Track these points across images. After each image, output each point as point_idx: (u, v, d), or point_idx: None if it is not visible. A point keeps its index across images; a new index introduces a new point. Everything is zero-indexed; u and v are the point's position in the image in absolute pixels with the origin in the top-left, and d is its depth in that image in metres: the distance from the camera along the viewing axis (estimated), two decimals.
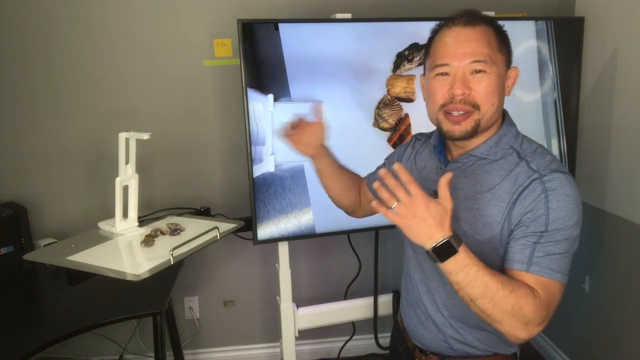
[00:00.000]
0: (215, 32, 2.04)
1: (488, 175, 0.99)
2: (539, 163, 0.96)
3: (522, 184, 0.94)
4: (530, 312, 0.87)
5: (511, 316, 0.87)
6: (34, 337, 1.42)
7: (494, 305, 0.87)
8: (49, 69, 2.00)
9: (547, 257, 0.90)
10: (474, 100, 0.95)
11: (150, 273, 1.37)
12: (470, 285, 0.87)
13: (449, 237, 0.87)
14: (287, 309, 1.95)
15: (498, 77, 0.96)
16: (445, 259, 0.87)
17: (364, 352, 2.43)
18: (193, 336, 2.33)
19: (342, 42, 1.74)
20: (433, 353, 1.12)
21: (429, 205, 0.87)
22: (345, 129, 1.79)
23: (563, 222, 0.91)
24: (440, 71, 0.97)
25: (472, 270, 0.87)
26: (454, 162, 1.05)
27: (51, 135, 2.05)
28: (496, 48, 0.97)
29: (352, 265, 2.23)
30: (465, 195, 1.01)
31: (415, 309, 1.15)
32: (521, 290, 0.88)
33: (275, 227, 1.79)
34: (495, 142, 1.01)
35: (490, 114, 0.97)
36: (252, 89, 1.68)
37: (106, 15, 1.99)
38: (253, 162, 1.72)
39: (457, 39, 0.96)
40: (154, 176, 2.12)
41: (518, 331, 0.88)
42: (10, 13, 1.94)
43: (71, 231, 1.99)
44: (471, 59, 0.94)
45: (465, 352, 1.08)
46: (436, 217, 0.87)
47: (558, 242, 0.91)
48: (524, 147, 1.00)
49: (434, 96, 1.00)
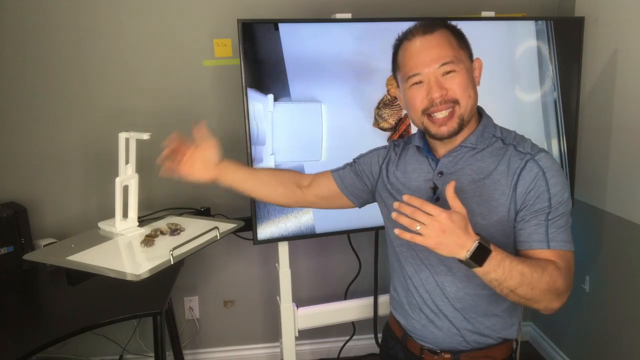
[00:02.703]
0: (215, 32, 2.04)
1: (481, 163, 1.06)
2: (524, 146, 1.05)
3: (519, 166, 1.01)
4: (561, 284, 0.95)
5: (548, 293, 0.94)
6: (34, 337, 1.42)
7: (533, 288, 0.93)
8: (48, 69, 2.00)
9: (559, 231, 0.99)
10: (453, 97, 1.02)
11: (150, 273, 1.37)
12: (509, 278, 0.92)
13: (479, 240, 0.90)
14: (287, 309, 1.95)
15: (467, 71, 1.04)
16: (484, 261, 0.90)
17: (364, 352, 2.43)
18: (193, 336, 2.33)
19: (342, 42, 1.74)
20: (445, 351, 1.13)
21: (451, 217, 0.89)
22: (345, 129, 1.79)
23: (561, 196, 0.99)
24: (414, 81, 1.04)
25: (506, 263, 0.91)
26: (446, 156, 1.09)
27: (51, 135, 2.05)
28: (457, 46, 1.04)
29: (352, 265, 2.23)
30: (462, 185, 1.05)
31: (422, 310, 1.15)
32: (549, 266, 0.95)
33: (275, 227, 1.79)
34: (480, 132, 1.08)
35: (470, 106, 1.04)
36: (252, 89, 1.68)
37: (106, 16, 1.99)
38: (253, 162, 1.72)
39: (422, 47, 1.03)
40: (154, 176, 2.11)
41: (554, 303, 0.96)
42: (10, 13, 1.94)
43: (71, 231, 1.99)
44: (439, 62, 1.01)
45: (478, 342, 1.11)
46: (461, 226, 0.90)
47: (562, 214, 0.99)
48: (504, 134, 1.09)
49: (413, 104, 1.06)
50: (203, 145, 1.24)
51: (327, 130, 1.77)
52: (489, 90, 1.66)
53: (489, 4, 2.01)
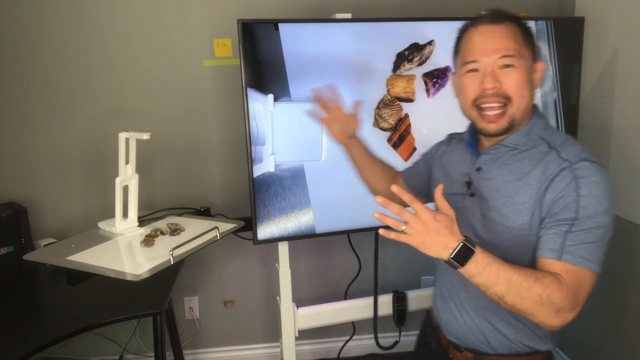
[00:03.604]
0: (215, 32, 2.04)
1: (519, 164, 1.02)
2: (569, 152, 0.98)
3: (553, 172, 0.96)
4: (558, 298, 0.89)
5: (541, 305, 0.89)
6: (34, 337, 1.42)
7: (522, 298, 0.89)
8: (48, 68, 2.00)
9: (579, 245, 0.92)
10: (506, 93, 0.99)
11: (150, 273, 1.37)
12: (495, 284, 0.90)
13: (463, 240, 0.90)
14: (287, 309, 1.95)
15: (527, 70, 1.00)
16: (465, 261, 0.90)
17: (364, 352, 2.43)
18: (193, 336, 2.33)
19: (342, 42, 1.74)
20: (469, 349, 1.12)
21: (436, 217, 0.90)
22: None
23: (594, 209, 0.92)
24: (470, 68, 1.02)
25: (494, 268, 0.90)
26: (486, 153, 1.08)
27: (51, 135, 2.05)
28: (522, 43, 1.01)
29: (352, 265, 2.23)
30: (496, 185, 1.03)
31: (449, 302, 1.15)
32: (546, 278, 0.90)
33: (275, 227, 1.79)
34: (525, 132, 1.04)
35: (523, 106, 1.01)
36: (252, 89, 1.68)
37: (106, 15, 1.99)
38: (253, 162, 1.72)
39: (485, 36, 1.01)
40: (154, 176, 2.12)
41: (551, 319, 0.90)
42: (9, 13, 1.94)
43: (71, 231, 1.99)
44: (500, 54, 0.98)
45: (502, 346, 1.08)
46: (446, 226, 0.90)
47: (590, 230, 0.92)
48: (554, 137, 1.03)
49: (465, 92, 1.03)
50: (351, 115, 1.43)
51: (327, 130, 1.77)
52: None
53: (489, 4, 2.00)
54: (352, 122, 1.42)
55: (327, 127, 1.46)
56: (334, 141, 1.46)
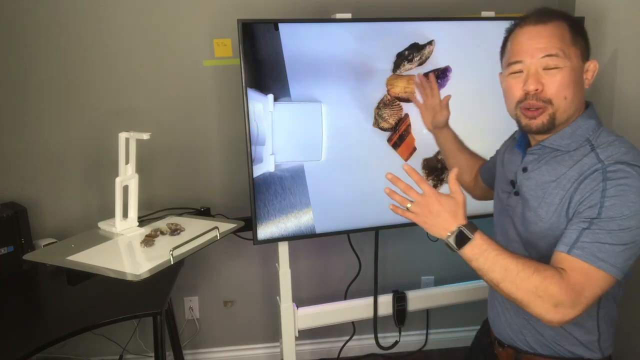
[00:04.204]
0: (215, 32, 2.04)
1: (558, 166, 1.01)
2: (608, 153, 0.95)
3: (584, 173, 0.95)
4: (556, 292, 0.88)
5: (537, 297, 0.88)
6: (34, 337, 1.42)
7: (517, 287, 0.90)
8: (48, 68, 2.00)
9: (594, 244, 0.90)
10: (546, 96, 0.98)
11: (150, 273, 1.37)
12: (491, 270, 0.92)
13: (462, 225, 0.93)
14: (287, 309, 1.95)
15: (572, 70, 0.98)
16: (462, 246, 0.93)
17: (364, 352, 2.43)
18: (193, 336, 2.33)
19: (342, 42, 1.74)
20: (510, 346, 1.13)
21: (440, 199, 0.94)
22: (345, 129, 1.79)
23: (619, 211, 0.89)
24: (515, 69, 1.01)
25: (491, 255, 0.92)
26: (530, 153, 1.08)
27: (51, 135, 2.05)
28: (570, 42, 0.99)
29: (352, 265, 2.23)
30: (535, 185, 1.04)
31: (494, 300, 1.17)
32: (546, 271, 0.90)
33: (275, 227, 1.79)
34: (568, 133, 1.01)
35: (564, 108, 0.99)
36: (252, 89, 1.68)
37: (106, 15, 1.99)
38: (253, 162, 1.72)
39: (529, 36, 1.00)
40: (154, 176, 2.12)
41: (549, 313, 0.89)
42: (9, 13, 1.94)
43: (71, 231, 1.99)
44: (543, 53, 0.97)
45: (542, 347, 1.08)
46: (450, 210, 0.94)
47: (611, 231, 0.89)
48: (601, 138, 1.00)
49: (510, 93, 1.04)
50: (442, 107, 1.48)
51: (327, 130, 1.77)
52: (490, 90, 1.66)
53: (489, 4, 2.00)
54: (443, 114, 1.46)
55: (421, 114, 1.54)
56: (425, 125, 1.54)
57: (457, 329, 2.48)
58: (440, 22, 1.79)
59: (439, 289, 2.17)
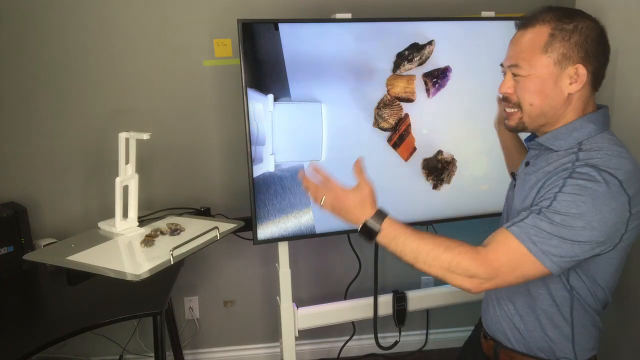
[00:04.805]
0: (215, 32, 2.04)
1: (543, 162, 1.04)
2: (588, 156, 0.95)
3: (557, 169, 0.97)
4: (468, 265, 0.92)
5: (450, 271, 0.94)
6: (34, 337, 1.42)
7: (429, 265, 0.96)
8: (48, 68, 2.00)
9: (533, 227, 0.91)
10: (514, 100, 1.03)
11: (150, 273, 1.37)
12: (404, 254, 0.99)
13: (369, 218, 1.01)
14: (287, 309, 1.95)
15: (537, 78, 0.99)
16: (373, 237, 1.01)
17: (364, 352, 2.43)
18: (193, 336, 2.33)
19: (342, 42, 1.74)
20: (492, 339, 1.15)
21: (347, 196, 1.04)
22: (345, 129, 1.79)
23: (566, 208, 0.90)
24: (501, 70, 1.08)
25: (400, 240, 0.98)
26: (531, 148, 1.11)
27: (51, 135, 2.05)
28: (540, 50, 0.98)
29: (352, 265, 2.23)
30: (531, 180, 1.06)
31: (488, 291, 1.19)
32: (458, 248, 0.94)
33: (275, 227, 1.79)
34: (562, 134, 1.02)
35: (531, 114, 1.02)
36: (252, 89, 1.68)
37: (106, 15, 1.99)
38: (253, 162, 1.72)
39: (512, 41, 1.05)
40: (154, 176, 2.12)
41: (464, 283, 0.94)
42: (9, 14, 1.94)
43: (71, 231, 1.99)
44: (509, 62, 1.03)
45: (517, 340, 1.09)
46: (357, 203, 1.03)
47: (553, 222, 0.90)
48: (591, 144, 0.98)
49: None
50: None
51: (327, 130, 1.77)
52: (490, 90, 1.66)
53: (489, 4, 2.01)
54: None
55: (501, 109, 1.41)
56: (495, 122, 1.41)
57: (457, 329, 2.48)
58: (440, 22, 1.79)
59: (439, 289, 2.17)
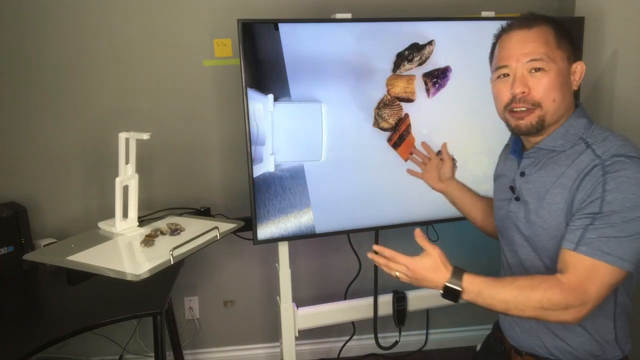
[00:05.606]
0: (215, 32, 2.04)
1: (555, 166, 1.03)
2: (605, 148, 0.97)
3: (585, 171, 0.96)
4: (560, 298, 0.90)
5: (545, 310, 0.91)
6: (34, 337, 1.42)
7: (523, 310, 0.92)
8: (48, 68, 2.00)
9: (600, 239, 0.91)
10: (534, 99, 1.00)
11: (150, 273, 1.37)
12: (492, 306, 0.94)
13: (447, 280, 0.96)
14: (287, 309, 1.95)
15: (558, 73, 1.00)
16: (457, 298, 0.96)
17: (364, 352, 2.43)
18: (193, 336, 2.33)
19: (342, 42, 1.74)
20: (528, 354, 1.12)
21: (419, 265, 0.99)
22: (345, 129, 1.79)
23: (620, 204, 0.90)
24: (501, 73, 1.04)
25: (485, 294, 0.94)
26: (526, 157, 1.09)
27: (51, 135, 2.05)
28: (554, 46, 1.01)
29: (352, 265, 2.23)
30: (535, 188, 1.05)
31: None
32: (542, 285, 0.92)
33: (275, 227, 1.79)
34: (561, 133, 1.03)
35: (553, 110, 1.01)
36: (252, 89, 1.68)
37: (106, 15, 1.99)
38: (253, 162, 1.72)
39: (515, 41, 1.02)
40: (154, 176, 2.12)
41: (563, 317, 0.91)
42: (9, 13, 1.94)
43: (71, 231, 1.99)
44: (528, 58, 1.00)
45: (560, 350, 1.07)
46: (432, 269, 0.98)
47: (614, 224, 0.91)
48: (594, 135, 1.01)
49: (498, 97, 1.06)
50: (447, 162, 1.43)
51: (327, 130, 1.77)
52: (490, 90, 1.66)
53: (489, 4, 2.01)
54: (447, 165, 1.42)
55: (426, 179, 1.47)
56: (431, 187, 1.46)
57: (457, 329, 2.48)
58: (440, 22, 1.79)
59: None
